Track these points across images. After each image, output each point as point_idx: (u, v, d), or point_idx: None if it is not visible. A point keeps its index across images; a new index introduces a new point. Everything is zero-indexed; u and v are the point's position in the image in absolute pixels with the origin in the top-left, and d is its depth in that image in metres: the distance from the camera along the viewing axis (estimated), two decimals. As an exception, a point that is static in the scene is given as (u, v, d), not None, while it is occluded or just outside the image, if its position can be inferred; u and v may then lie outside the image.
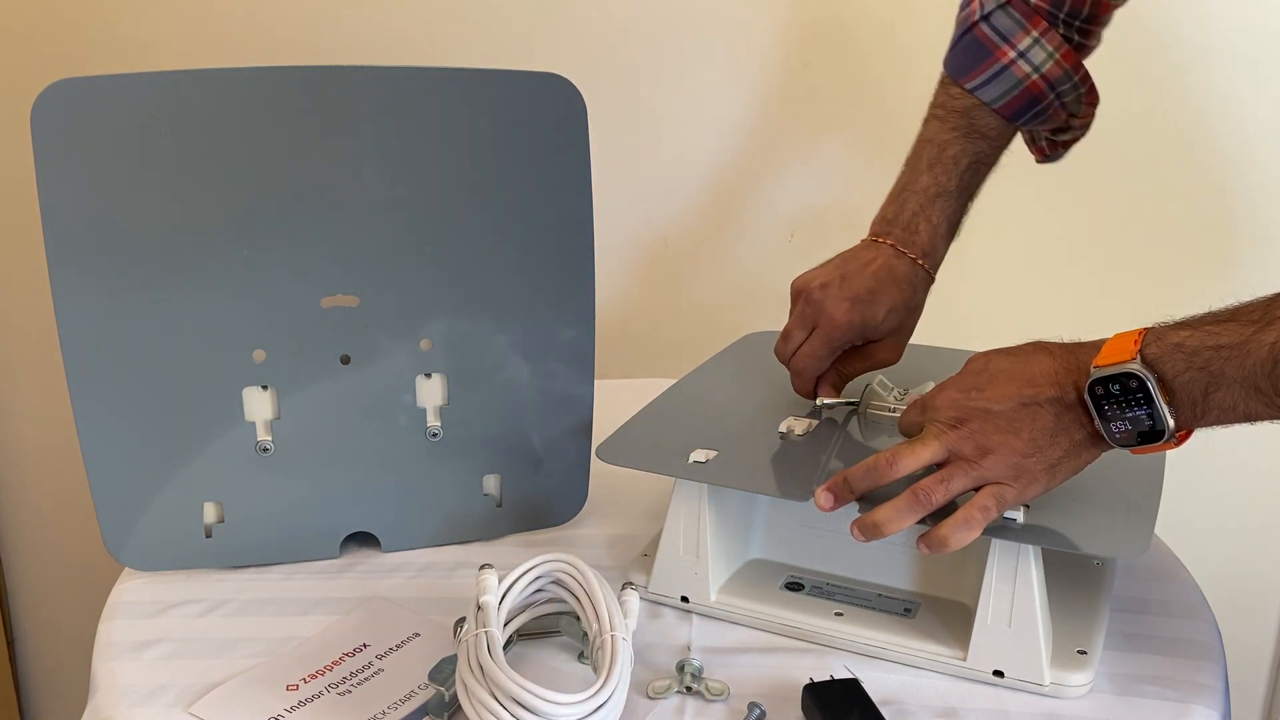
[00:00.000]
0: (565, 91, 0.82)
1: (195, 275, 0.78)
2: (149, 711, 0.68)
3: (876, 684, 0.69)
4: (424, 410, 0.85)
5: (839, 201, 1.31)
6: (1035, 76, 0.86)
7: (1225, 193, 1.28)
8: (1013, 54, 0.86)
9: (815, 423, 0.83)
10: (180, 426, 0.80)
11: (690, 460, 0.77)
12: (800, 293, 0.86)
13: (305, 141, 0.79)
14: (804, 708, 0.68)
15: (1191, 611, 0.78)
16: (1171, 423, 0.62)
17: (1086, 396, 0.64)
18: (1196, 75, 1.23)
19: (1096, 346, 0.65)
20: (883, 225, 0.88)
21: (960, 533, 0.66)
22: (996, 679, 0.70)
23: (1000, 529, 0.68)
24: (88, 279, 0.76)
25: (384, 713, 0.68)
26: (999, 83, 0.87)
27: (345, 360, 0.83)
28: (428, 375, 0.85)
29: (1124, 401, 0.63)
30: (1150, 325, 0.64)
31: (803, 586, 0.79)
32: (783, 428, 0.82)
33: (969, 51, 0.88)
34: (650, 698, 0.69)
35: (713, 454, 0.78)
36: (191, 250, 0.78)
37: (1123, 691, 0.69)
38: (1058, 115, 0.90)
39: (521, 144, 0.83)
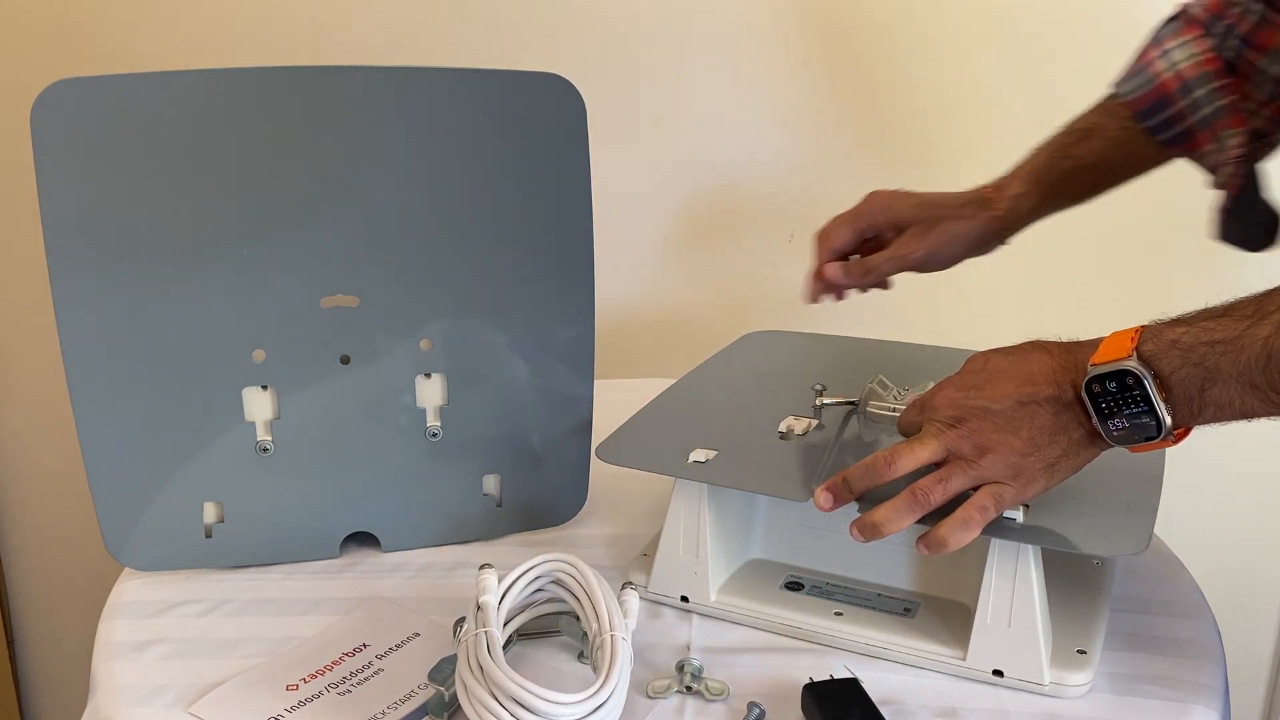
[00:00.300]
0: (565, 91, 0.82)
1: (195, 275, 0.78)
2: (149, 711, 0.68)
3: (876, 684, 0.69)
4: (424, 410, 0.85)
5: (839, 201, 1.30)
6: (1169, 74, 0.84)
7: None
8: (1157, 52, 0.85)
9: (815, 423, 0.83)
10: (180, 426, 0.80)
11: (690, 460, 0.77)
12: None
13: (305, 141, 0.79)
14: (804, 708, 0.68)
15: (1191, 611, 0.78)
16: (1169, 420, 0.62)
17: (1084, 394, 0.64)
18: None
19: (1094, 345, 0.65)
20: None
21: (959, 533, 0.66)
22: (996, 679, 0.70)
23: (1000, 529, 0.68)
24: (88, 279, 0.76)
25: (384, 713, 0.68)
26: (1136, 78, 0.86)
27: (345, 360, 0.83)
28: (428, 375, 0.85)
29: (1121, 399, 0.63)
30: (1147, 323, 0.64)
31: (802, 586, 0.79)
32: (783, 428, 0.82)
33: (1131, 62, 0.88)
34: (650, 697, 0.69)
35: (713, 454, 0.78)
36: (191, 250, 0.78)
37: (1122, 691, 0.69)
38: (1201, 141, 0.85)
39: (521, 144, 0.83)
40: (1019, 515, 0.68)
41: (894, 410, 0.85)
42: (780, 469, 0.78)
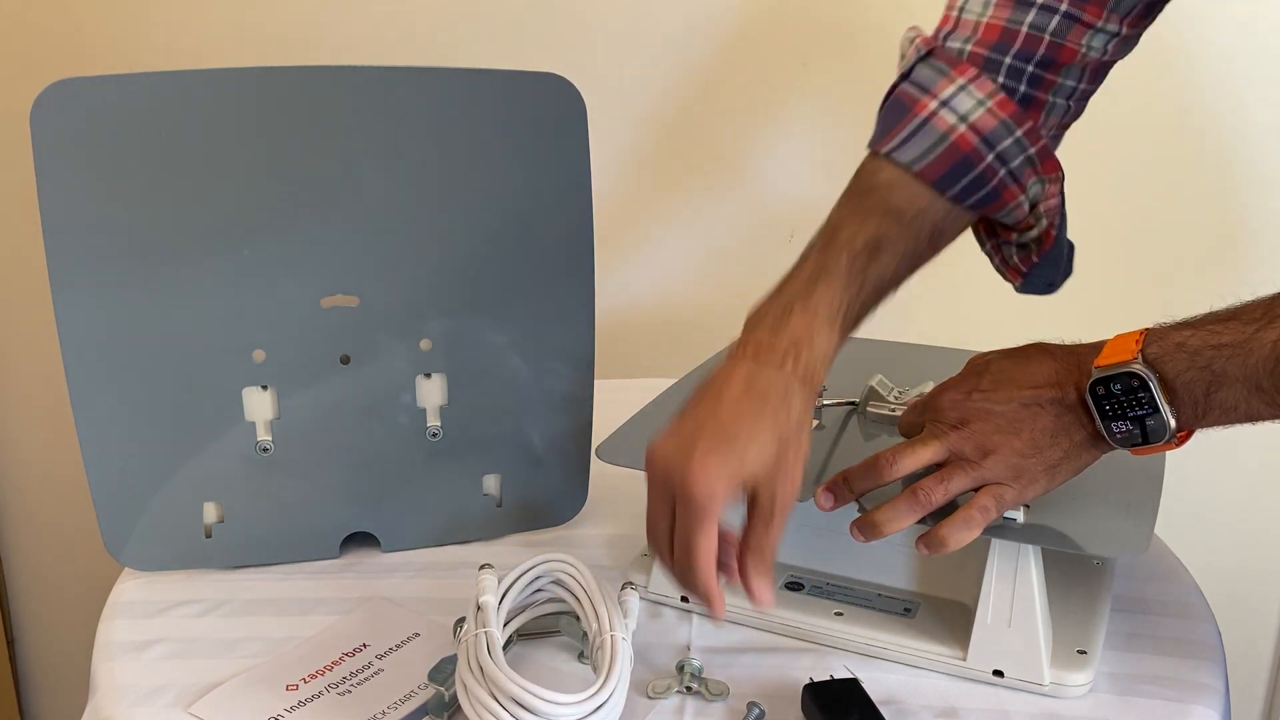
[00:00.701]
0: (565, 91, 0.82)
1: (195, 275, 0.78)
2: (149, 711, 0.68)
3: (876, 684, 0.69)
4: (424, 410, 0.85)
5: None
6: (962, 128, 0.69)
7: (1227, 193, 1.28)
8: (933, 104, 0.70)
9: (815, 422, 0.83)
10: (180, 426, 0.80)
11: (690, 460, 0.77)
12: (648, 463, 0.66)
13: (305, 141, 0.79)
14: (804, 708, 0.68)
15: (1191, 611, 0.78)
16: (1173, 423, 0.62)
17: (1088, 397, 0.64)
18: (1198, 74, 1.23)
19: (1097, 347, 0.65)
20: (749, 326, 0.69)
21: (959, 533, 0.66)
22: (996, 679, 0.70)
23: (1000, 529, 0.68)
24: (88, 279, 0.76)
25: (384, 713, 0.68)
26: (918, 140, 0.70)
27: (345, 360, 0.83)
28: (428, 375, 0.85)
29: (1125, 401, 0.63)
30: (1151, 326, 0.64)
31: (803, 586, 0.79)
32: (783, 428, 0.82)
33: (888, 114, 0.73)
34: (650, 698, 0.69)
35: (713, 454, 0.78)
36: (191, 250, 0.78)
37: (1123, 691, 0.69)
38: (1010, 195, 0.71)
39: (521, 144, 0.83)
40: (1019, 515, 0.68)
41: (894, 410, 0.85)
42: (780, 469, 0.77)
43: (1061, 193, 0.72)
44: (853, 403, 0.87)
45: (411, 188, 0.81)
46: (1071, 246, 0.76)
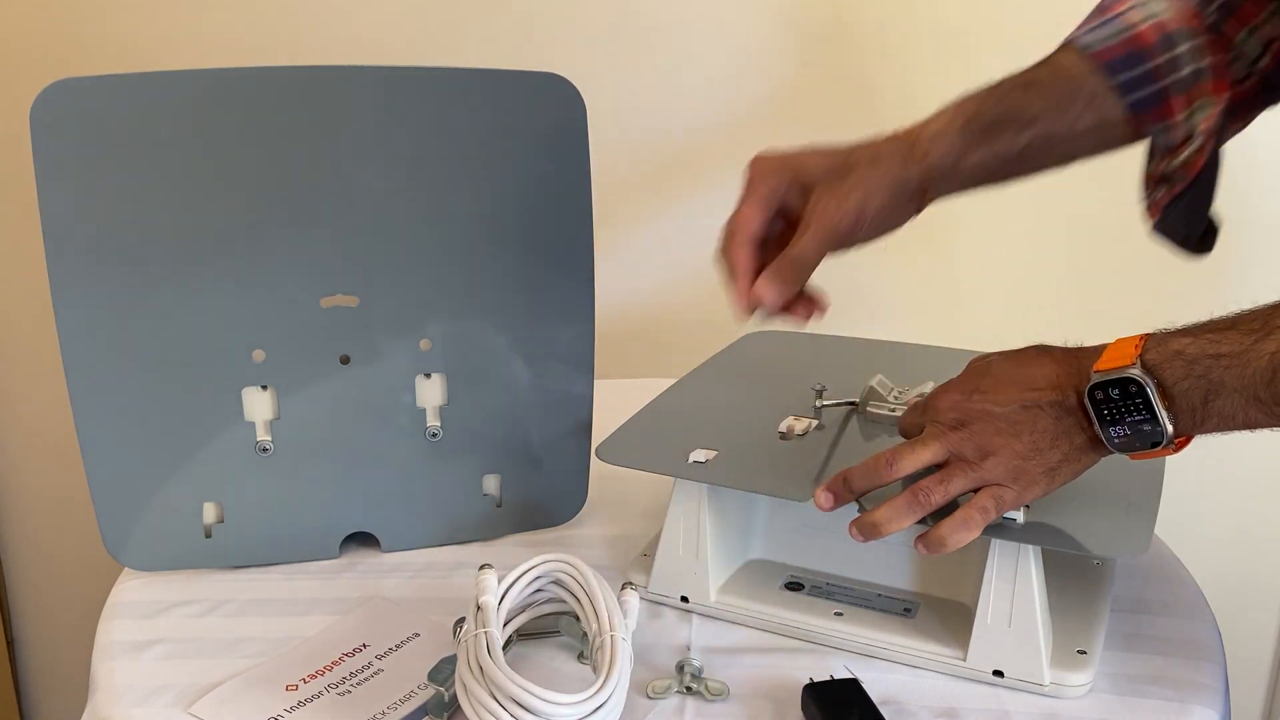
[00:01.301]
0: (565, 91, 0.82)
1: (195, 275, 0.78)
2: (149, 711, 0.68)
3: (876, 684, 0.69)
4: (424, 410, 0.85)
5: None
6: (1147, 24, 0.73)
7: (1232, 198, 1.27)
8: (1126, 5, 0.74)
9: (815, 423, 0.83)
10: (180, 426, 0.80)
11: (690, 460, 0.77)
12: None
13: (305, 141, 0.79)
14: (804, 708, 0.68)
15: (1191, 611, 0.78)
16: (1170, 429, 0.62)
17: (1086, 401, 0.64)
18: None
19: (1098, 351, 0.65)
20: None
21: (959, 533, 0.66)
22: (996, 679, 0.70)
23: (1000, 529, 0.68)
24: (87, 279, 0.76)
25: (384, 713, 0.68)
26: (1104, 28, 0.74)
27: (345, 360, 0.83)
28: (428, 375, 0.85)
29: (1123, 406, 0.63)
30: (1152, 331, 0.64)
31: (803, 586, 0.79)
32: (783, 428, 0.82)
33: (1089, 17, 0.77)
34: (650, 698, 0.69)
35: (713, 454, 0.78)
36: (191, 250, 0.78)
37: (1123, 691, 0.69)
38: (1170, 108, 0.73)
39: (521, 144, 0.83)
40: (1019, 516, 0.68)
41: (894, 411, 0.85)
42: (780, 469, 0.78)
43: (1220, 119, 0.73)
44: (853, 403, 0.87)
45: (411, 188, 0.81)
46: (1215, 224, 0.77)
